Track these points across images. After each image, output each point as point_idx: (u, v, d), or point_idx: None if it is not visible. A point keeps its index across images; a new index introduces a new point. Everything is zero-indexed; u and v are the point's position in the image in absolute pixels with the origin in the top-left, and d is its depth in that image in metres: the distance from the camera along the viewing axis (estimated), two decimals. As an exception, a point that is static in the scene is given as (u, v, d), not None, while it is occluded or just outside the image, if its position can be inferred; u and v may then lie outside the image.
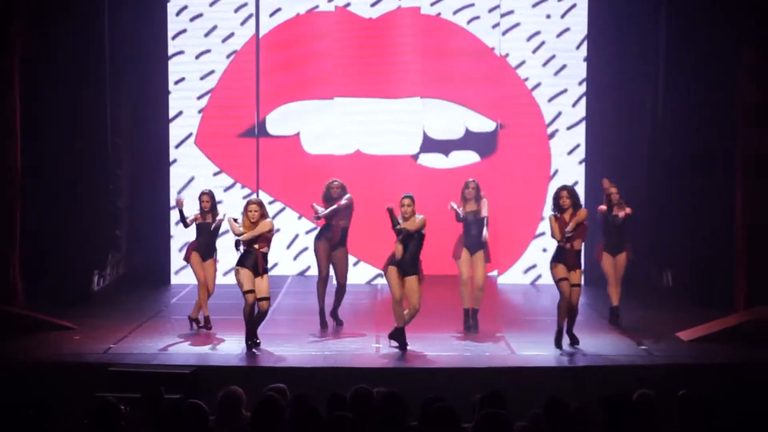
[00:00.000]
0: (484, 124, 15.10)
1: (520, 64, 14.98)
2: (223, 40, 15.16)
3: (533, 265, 15.11)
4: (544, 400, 6.34)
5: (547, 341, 10.90)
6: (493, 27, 15.05)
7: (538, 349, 10.82)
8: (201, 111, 15.17)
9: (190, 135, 15.21)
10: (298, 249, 15.38)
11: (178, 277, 15.14)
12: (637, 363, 10.28)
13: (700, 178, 13.51)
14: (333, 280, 12.02)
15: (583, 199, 13.28)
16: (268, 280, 10.81)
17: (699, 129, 13.51)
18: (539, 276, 14.97)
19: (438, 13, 15.10)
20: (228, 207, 13.46)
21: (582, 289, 11.13)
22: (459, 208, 11.59)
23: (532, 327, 12.05)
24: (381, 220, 10.79)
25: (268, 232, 10.79)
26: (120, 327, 11.83)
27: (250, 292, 10.70)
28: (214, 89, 15.11)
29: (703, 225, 13.49)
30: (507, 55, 14.94)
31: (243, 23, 15.16)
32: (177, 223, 14.48)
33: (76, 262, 13.58)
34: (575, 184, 14.58)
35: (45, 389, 9.64)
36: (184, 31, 15.15)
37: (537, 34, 14.96)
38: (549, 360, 10.48)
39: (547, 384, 9.34)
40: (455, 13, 15.09)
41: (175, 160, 15.22)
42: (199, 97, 15.17)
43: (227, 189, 15.15)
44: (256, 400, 6.27)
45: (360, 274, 15.16)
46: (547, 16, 14.95)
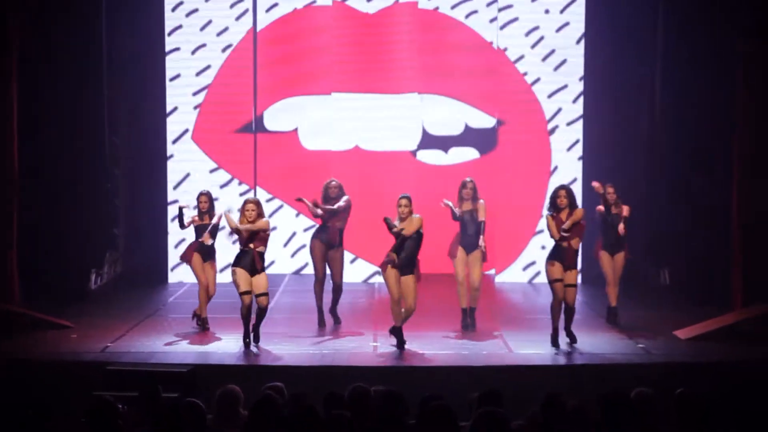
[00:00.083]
0: (484, 120, 15.07)
1: (519, 59, 14.95)
2: (218, 34, 15.12)
3: (532, 262, 15.10)
4: (542, 398, 6.34)
5: (544, 340, 10.90)
6: (491, 21, 14.99)
7: (535, 348, 10.83)
8: (197, 107, 15.15)
9: (187, 131, 15.17)
10: (295, 247, 15.37)
11: (176, 276, 15.14)
12: (635, 361, 10.29)
13: (698, 176, 13.51)
14: (330, 279, 12.03)
15: (580, 197, 13.30)
16: (266, 277, 10.83)
17: (696, 127, 13.51)
18: (537, 273, 14.95)
19: (436, 8, 15.05)
20: (225, 205, 13.37)
21: (578, 288, 11.12)
22: (456, 208, 11.58)
23: (530, 326, 12.05)
24: (379, 218, 10.76)
25: (264, 231, 10.81)
26: (117, 326, 11.83)
27: (247, 293, 10.71)
28: (210, 85, 15.08)
29: (700, 223, 13.48)
30: (506, 49, 14.91)
31: (238, 18, 15.13)
32: (173, 219, 14.55)
33: (74, 260, 13.58)
34: (573, 181, 14.65)
35: (42, 388, 9.63)
36: (179, 27, 15.14)
37: (536, 29, 14.94)
38: (546, 358, 10.48)
39: (544, 382, 9.31)
40: (453, 7, 15.05)
41: (171, 155, 15.21)
42: (195, 93, 15.15)
43: (224, 185, 15.13)
44: (253, 398, 6.27)
45: (357, 273, 15.17)
46: (546, 11, 14.94)
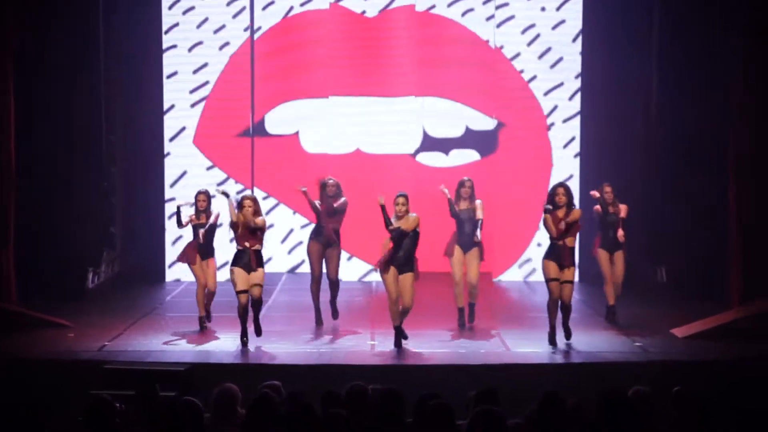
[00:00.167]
0: (485, 123, 15.07)
1: (516, 56, 14.96)
2: (215, 31, 15.12)
3: (528, 260, 15.12)
4: (541, 396, 6.33)
5: (541, 338, 10.90)
6: (487, 19, 14.98)
7: (533, 346, 10.83)
8: (194, 105, 15.13)
9: (184, 129, 15.18)
10: (292, 243, 15.39)
11: (173, 275, 15.12)
12: (632, 360, 10.29)
13: (694, 174, 13.51)
14: (326, 278, 12.01)
15: (577, 196, 13.28)
16: (262, 272, 10.80)
17: (693, 126, 13.50)
18: (533, 270, 14.96)
19: (432, 5, 15.02)
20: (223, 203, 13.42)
21: (575, 286, 11.09)
22: (455, 205, 11.60)
23: (527, 324, 12.04)
24: (380, 220, 10.71)
25: (261, 230, 10.80)
26: (115, 324, 11.82)
27: (243, 292, 10.72)
28: (212, 90, 15.09)
29: (697, 221, 13.48)
30: (501, 47, 14.91)
31: (235, 16, 15.13)
32: (170, 217, 14.56)
33: (71, 259, 13.55)
34: (570, 177, 14.68)
35: (39, 387, 9.61)
36: (176, 24, 15.13)
37: (532, 26, 14.94)
38: (544, 357, 10.49)
39: (542, 381, 9.29)
40: (449, 5, 15.02)
41: (168, 153, 15.21)
42: (192, 91, 15.15)
43: (220, 184, 15.05)
44: (251, 397, 6.26)
45: (355, 272, 15.18)
46: (542, 9, 14.94)
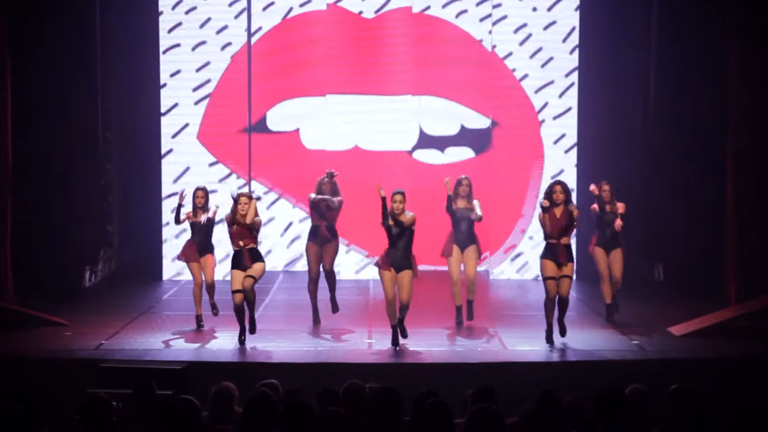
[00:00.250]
0: (479, 121, 15.22)
1: (508, 56, 15.09)
2: (217, 32, 15.20)
3: (520, 253, 15.24)
4: (538, 394, 6.33)
5: (539, 336, 10.90)
6: (481, 20, 15.13)
7: (530, 345, 10.83)
8: (197, 103, 15.19)
9: (187, 125, 15.24)
10: (292, 236, 15.45)
11: (170, 273, 15.13)
12: (629, 358, 10.29)
13: (692, 171, 13.52)
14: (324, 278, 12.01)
15: (574, 195, 13.28)
16: (259, 266, 10.75)
17: (690, 123, 13.52)
18: (526, 263, 15.10)
19: (428, 6, 15.15)
20: (222, 198, 13.59)
21: (573, 282, 11.03)
22: (452, 203, 11.61)
23: (524, 322, 12.05)
24: (378, 214, 10.69)
25: (256, 229, 10.79)
26: (112, 323, 11.81)
27: (237, 292, 10.70)
28: (215, 87, 15.19)
29: (694, 218, 13.50)
30: (495, 47, 15.04)
31: (237, 16, 15.21)
32: (172, 210, 14.59)
33: (68, 257, 13.54)
34: (561, 172, 14.83)
35: (36, 385, 9.60)
36: (179, 24, 15.18)
37: (524, 26, 15.06)
38: (541, 355, 10.49)
39: (539, 379, 9.29)
40: (444, 6, 15.17)
41: (170, 150, 15.26)
42: (194, 89, 15.21)
43: (222, 179, 15.22)
44: (248, 395, 6.26)
45: (352, 270, 15.26)
46: (533, 9, 15.06)
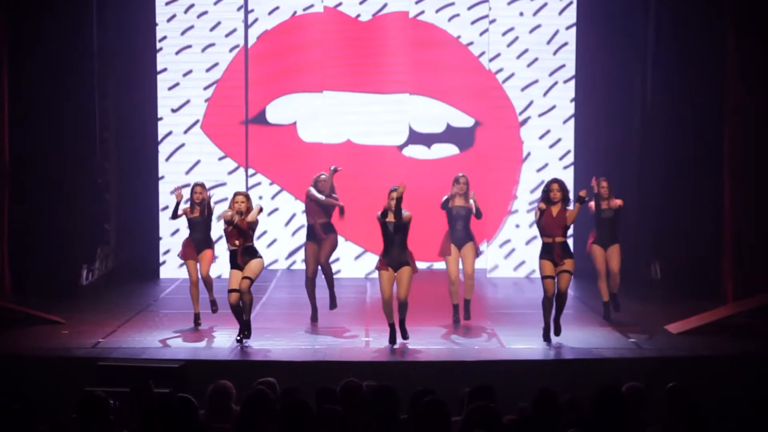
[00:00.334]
0: (464, 121, 15.60)
1: (495, 58, 15.29)
2: (211, 29, 15.29)
3: (512, 249, 15.41)
4: (537, 391, 6.34)
5: (536, 335, 10.90)
6: (472, 23, 15.45)
7: (527, 343, 10.84)
8: (207, 100, 15.34)
9: (197, 121, 15.36)
10: (295, 226, 15.56)
11: (167, 271, 15.14)
12: (626, 356, 10.30)
13: (690, 170, 13.53)
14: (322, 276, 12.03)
15: (572, 194, 13.28)
16: (256, 263, 10.67)
17: (688, 122, 13.52)
18: (513, 250, 15.32)
19: (422, 11, 15.47)
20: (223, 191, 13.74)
21: (571, 278, 10.99)
22: (450, 201, 11.61)
23: (522, 320, 12.05)
24: (369, 207, 10.74)
25: (252, 229, 10.77)
26: (109, 321, 11.81)
27: (232, 291, 10.65)
28: (218, 81, 15.35)
29: (691, 217, 13.50)
30: (483, 53, 15.34)
31: (239, 8, 15.33)
32: (164, 208, 14.61)
33: (65, 256, 13.53)
34: (545, 166, 15.15)
35: (33, 384, 9.60)
36: (173, 15, 15.25)
37: (511, 29, 15.27)
38: (538, 353, 10.50)
39: (536, 377, 9.32)
40: (438, 11, 15.48)
41: (182, 144, 15.36)
42: (206, 87, 15.34)
43: (231, 172, 15.43)
44: (245, 394, 6.26)
45: (350, 269, 15.32)
46: (521, 14, 15.25)
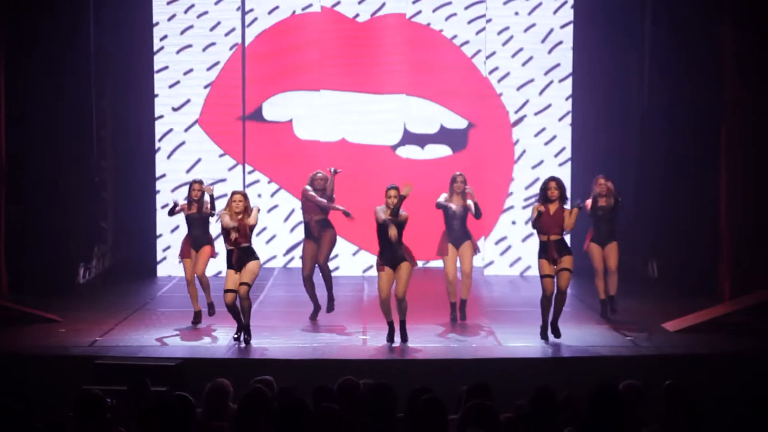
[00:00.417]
0: (457, 122, 15.69)
1: (491, 55, 15.36)
2: (211, 28, 15.33)
3: (503, 236, 15.47)
4: (534, 389, 6.34)
5: (533, 333, 10.91)
6: (469, 23, 15.50)
7: (524, 341, 10.83)
8: (204, 95, 15.40)
9: (196, 120, 15.41)
10: (294, 222, 15.59)
11: (164, 270, 15.14)
12: (624, 354, 10.30)
13: (687, 168, 13.54)
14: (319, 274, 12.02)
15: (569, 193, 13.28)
16: (253, 265, 10.61)
17: (686, 119, 13.53)
18: (509, 247, 15.37)
19: (419, 11, 15.50)
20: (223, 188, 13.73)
21: (571, 276, 10.97)
22: (448, 203, 11.57)
23: (519, 318, 12.04)
24: (362, 203, 10.74)
25: (250, 228, 10.72)
26: (106, 319, 11.80)
27: (228, 291, 10.60)
28: (215, 78, 15.40)
29: (688, 215, 13.51)
30: (479, 52, 15.40)
31: (238, 8, 15.36)
32: (163, 207, 14.61)
33: (62, 254, 13.53)
34: (541, 162, 15.19)
35: (30, 382, 9.60)
36: (174, 15, 15.26)
37: (506, 28, 15.34)
38: (536, 351, 10.49)
39: (533, 375, 9.32)
40: (434, 11, 15.51)
41: (183, 142, 15.37)
42: (205, 86, 15.38)
43: (231, 168, 15.47)
44: (243, 392, 6.26)
45: (347, 266, 15.34)
46: (516, 13, 15.29)
